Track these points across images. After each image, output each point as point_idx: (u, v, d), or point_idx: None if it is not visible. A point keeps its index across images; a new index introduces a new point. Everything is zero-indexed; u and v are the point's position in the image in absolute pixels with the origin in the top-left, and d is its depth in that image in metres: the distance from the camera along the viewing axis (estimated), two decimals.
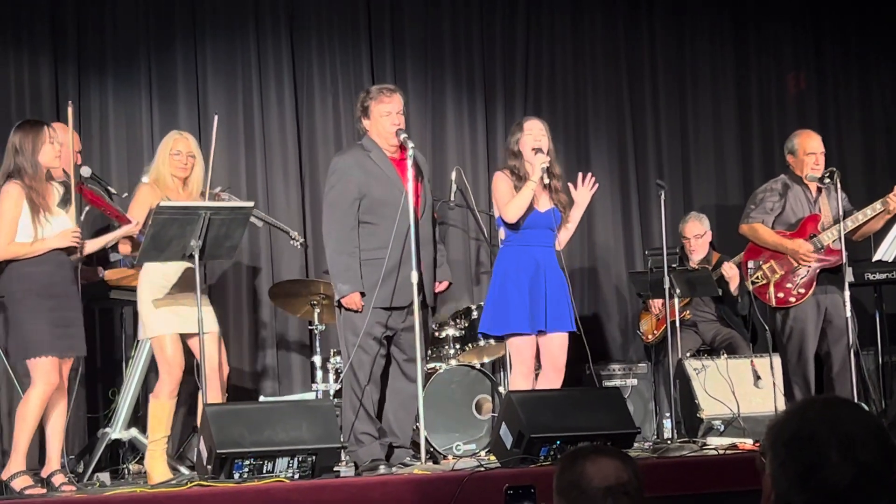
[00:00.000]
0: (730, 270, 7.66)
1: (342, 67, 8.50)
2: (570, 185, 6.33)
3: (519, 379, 6.24)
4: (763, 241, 7.18)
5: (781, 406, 6.75)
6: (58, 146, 5.80)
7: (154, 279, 6.10)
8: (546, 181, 6.22)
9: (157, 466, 6.04)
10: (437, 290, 6.35)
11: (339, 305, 6.03)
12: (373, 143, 6.13)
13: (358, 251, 6.00)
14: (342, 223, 6.03)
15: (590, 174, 6.34)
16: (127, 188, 7.34)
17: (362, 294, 5.94)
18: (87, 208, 6.23)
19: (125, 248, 6.25)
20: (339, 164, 6.17)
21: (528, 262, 6.21)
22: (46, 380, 5.61)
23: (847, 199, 7.16)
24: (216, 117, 6.38)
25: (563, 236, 6.38)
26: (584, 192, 6.31)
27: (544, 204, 6.28)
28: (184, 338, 6.12)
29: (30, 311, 5.64)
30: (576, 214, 6.36)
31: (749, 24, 9.53)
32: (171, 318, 6.06)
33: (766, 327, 7.01)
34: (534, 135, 6.28)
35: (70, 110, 5.92)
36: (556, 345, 6.24)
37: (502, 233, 6.42)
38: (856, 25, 9.71)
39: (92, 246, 6.03)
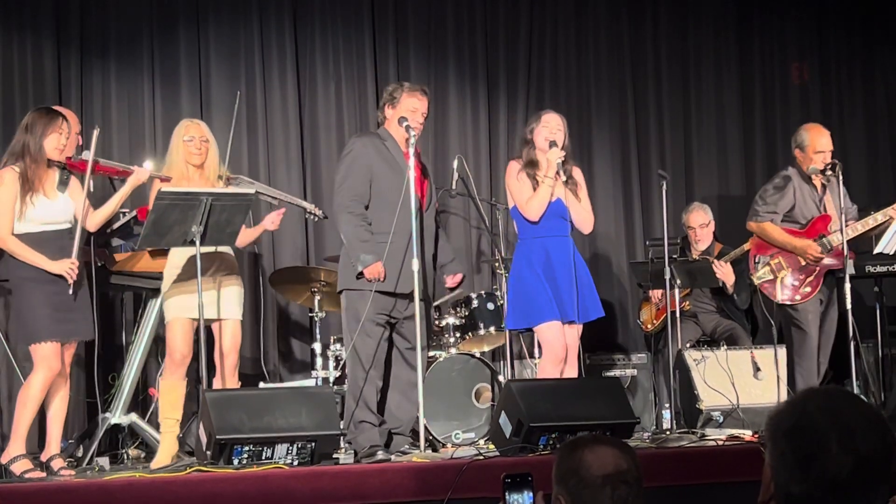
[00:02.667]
0: (722, 268, 7.64)
1: (345, 54, 8.49)
2: None
3: (549, 367, 6.21)
4: (772, 240, 7.13)
5: (782, 397, 6.75)
6: (65, 139, 5.82)
7: (178, 263, 6.10)
8: (563, 178, 6.22)
9: (161, 449, 6.05)
10: (451, 284, 6.36)
11: (358, 277, 5.96)
12: (388, 133, 6.15)
13: (371, 228, 6.00)
14: (356, 199, 6.03)
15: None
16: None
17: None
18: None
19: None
20: (355, 144, 6.19)
21: (540, 253, 6.21)
22: (47, 365, 5.63)
23: (847, 195, 7.15)
24: (238, 94, 6.41)
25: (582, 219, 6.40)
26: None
27: (555, 193, 6.28)
28: (207, 322, 6.08)
29: (31, 297, 5.66)
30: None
31: (753, 15, 9.52)
32: (186, 302, 6.05)
33: (773, 322, 6.99)
34: (550, 128, 6.29)
35: (95, 134, 5.92)
36: (570, 338, 6.24)
37: (516, 226, 6.42)
38: (859, 16, 9.70)
39: (106, 210, 6.00)
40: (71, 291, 5.69)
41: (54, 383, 5.73)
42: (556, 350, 6.19)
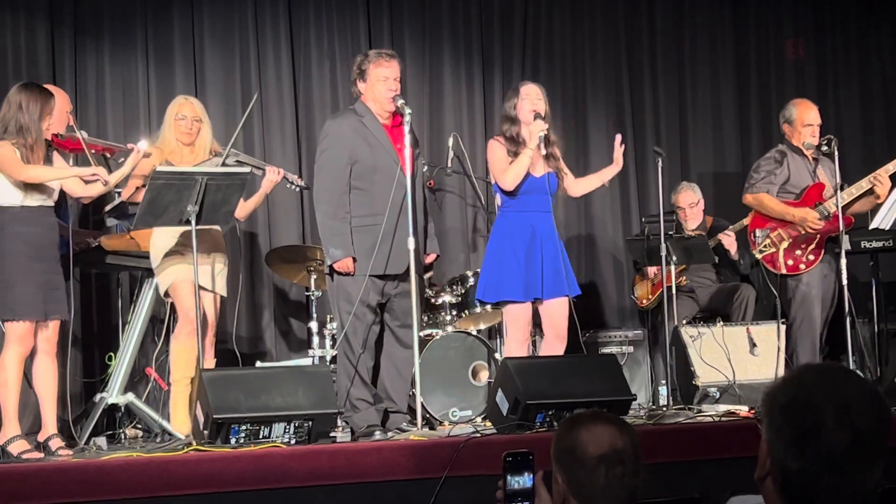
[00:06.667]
0: (727, 238, 7.68)
1: (339, 32, 8.47)
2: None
3: (514, 346, 6.25)
4: (769, 211, 7.20)
5: (780, 373, 6.76)
6: (53, 119, 5.82)
7: (165, 239, 6.09)
8: (543, 151, 6.22)
9: (176, 413, 6.04)
10: (425, 263, 6.37)
11: (332, 272, 6.02)
12: (366, 108, 6.11)
13: (349, 216, 5.98)
14: (334, 188, 6.01)
15: (619, 136, 6.52)
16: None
17: (354, 259, 5.94)
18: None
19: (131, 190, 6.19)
20: (331, 129, 6.14)
21: (525, 228, 6.20)
22: (21, 342, 5.62)
23: (839, 175, 7.18)
24: (256, 95, 6.41)
25: (580, 188, 6.50)
26: (618, 153, 6.44)
27: (540, 169, 6.28)
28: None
29: (20, 272, 5.63)
30: (608, 174, 6.54)
31: None
32: (185, 269, 6.05)
33: (776, 293, 7.00)
34: (531, 99, 6.27)
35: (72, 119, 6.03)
36: (557, 311, 6.25)
37: (499, 199, 6.43)
38: None
39: (115, 178, 5.98)
40: (104, 185, 5.73)
41: (40, 363, 5.72)
42: (522, 329, 6.24)
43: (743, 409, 6.16)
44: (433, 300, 7.29)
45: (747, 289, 7.70)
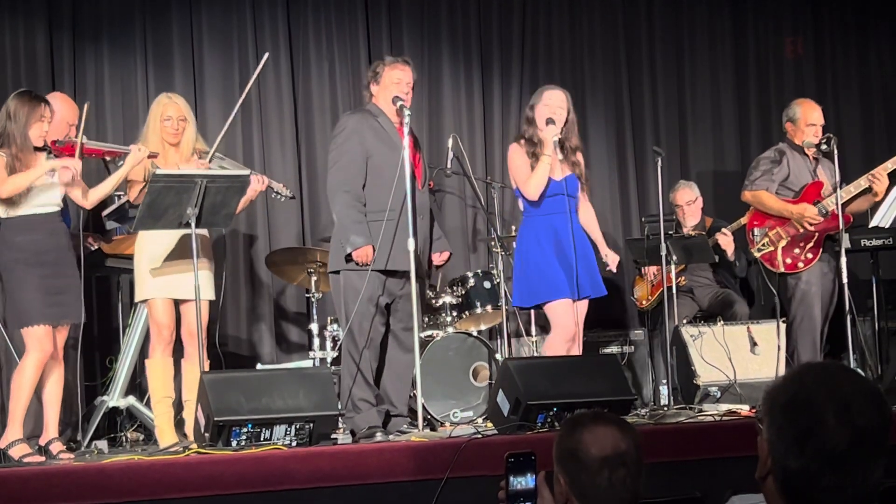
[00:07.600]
0: (723, 238, 7.68)
1: (338, 34, 8.47)
2: None
3: (559, 344, 6.19)
4: (767, 208, 7.21)
5: (781, 371, 6.76)
6: (48, 125, 5.79)
7: (151, 244, 6.07)
8: (560, 156, 6.21)
9: (161, 432, 6.02)
10: (438, 263, 6.35)
11: (347, 259, 5.95)
12: (379, 109, 6.13)
13: (365, 209, 5.98)
14: (351, 180, 6.00)
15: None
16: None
17: (374, 248, 5.92)
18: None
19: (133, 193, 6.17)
20: (348, 123, 6.15)
21: (549, 230, 6.19)
22: (39, 347, 5.63)
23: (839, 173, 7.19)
24: (266, 55, 6.37)
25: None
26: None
27: (561, 172, 6.27)
28: (177, 303, 6.08)
29: (22, 280, 5.65)
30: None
31: None
32: (163, 282, 6.02)
33: (775, 292, 7.00)
34: (551, 107, 6.26)
35: (85, 107, 5.98)
36: (579, 314, 6.23)
37: (521, 204, 6.41)
38: None
39: (104, 188, 5.97)
40: (71, 176, 5.71)
41: (47, 367, 5.73)
42: (568, 327, 6.18)
43: (744, 409, 6.16)
44: (434, 301, 7.29)
45: (741, 305, 7.68)
